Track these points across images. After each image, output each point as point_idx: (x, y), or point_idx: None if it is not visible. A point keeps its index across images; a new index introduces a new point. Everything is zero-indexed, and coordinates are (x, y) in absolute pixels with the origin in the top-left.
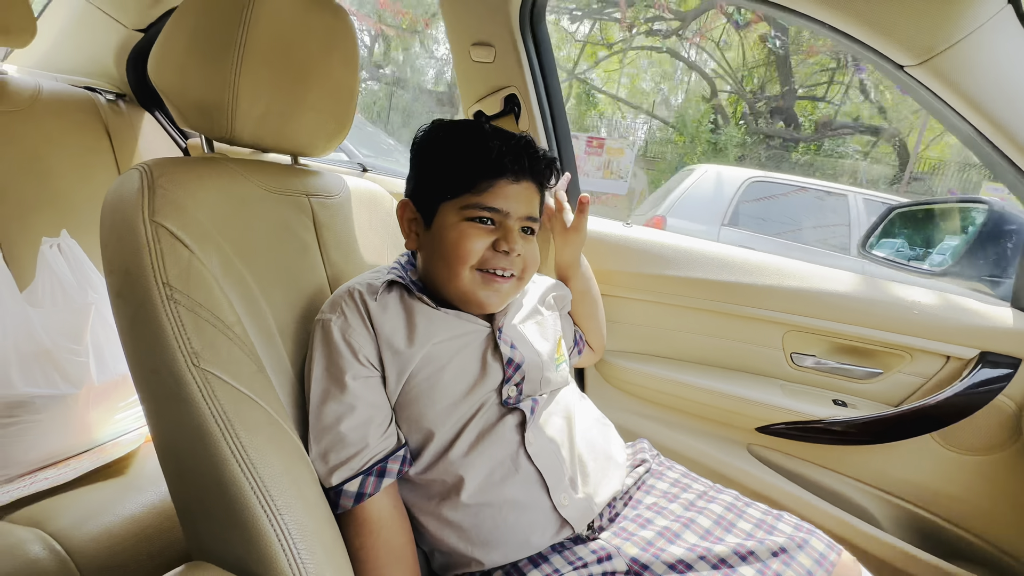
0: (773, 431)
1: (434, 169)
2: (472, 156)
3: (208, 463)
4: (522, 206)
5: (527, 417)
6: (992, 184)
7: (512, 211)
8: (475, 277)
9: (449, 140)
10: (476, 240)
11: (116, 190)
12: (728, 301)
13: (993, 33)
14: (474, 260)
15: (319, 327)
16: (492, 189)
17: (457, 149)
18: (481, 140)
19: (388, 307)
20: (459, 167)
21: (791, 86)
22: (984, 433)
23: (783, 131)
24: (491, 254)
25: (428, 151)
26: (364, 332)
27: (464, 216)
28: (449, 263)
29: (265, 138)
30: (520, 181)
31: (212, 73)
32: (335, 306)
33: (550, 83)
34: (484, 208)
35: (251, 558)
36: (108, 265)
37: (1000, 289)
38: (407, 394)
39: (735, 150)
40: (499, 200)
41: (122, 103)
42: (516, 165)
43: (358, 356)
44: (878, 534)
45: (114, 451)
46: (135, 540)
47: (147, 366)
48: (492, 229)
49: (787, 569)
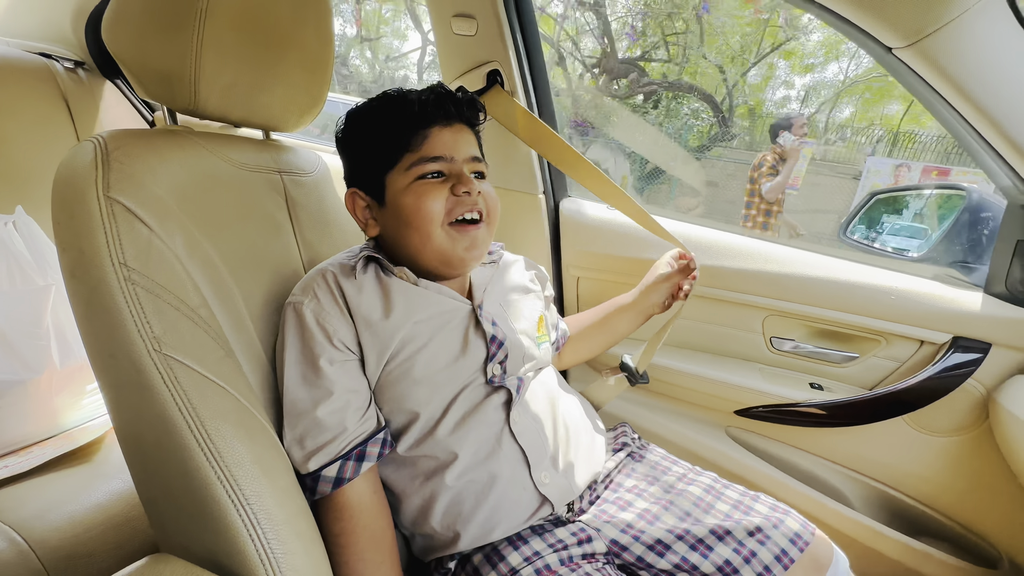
0: (751, 414)
1: (366, 147)
2: (397, 116)
3: (172, 453)
4: (462, 148)
5: (513, 396)
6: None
7: (455, 155)
8: (448, 232)
9: (370, 115)
10: (434, 195)
11: (68, 163)
12: (710, 285)
13: (981, 16)
14: (441, 215)
15: (290, 310)
16: (428, 139)
17: (381, 118)
18: (400, 100)
19: (364, 287)
20: (389, 131)
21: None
22: (953, 416)
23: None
24: (454, 202)
25: (354, 135)
26: (339, 315)
27: (413, 176)
28: (417, 226)
29: (233, 110)
30: (451, 124)
31: (173, 38)
32: (307, 289)
33: (534, 59)
34: (428, 160)
35: (219, 549)
36: (60, 243)
37: (974, 275)
38: (388, 375)
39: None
40: (439, 147)
41: (81, 71)
42: (441, 110)
43: (332, 340)
44: (849, 513)
45: (80, 437)
46: (101, 530)
47: (105, 351)
48: (444, 180)
49: (762, 548)
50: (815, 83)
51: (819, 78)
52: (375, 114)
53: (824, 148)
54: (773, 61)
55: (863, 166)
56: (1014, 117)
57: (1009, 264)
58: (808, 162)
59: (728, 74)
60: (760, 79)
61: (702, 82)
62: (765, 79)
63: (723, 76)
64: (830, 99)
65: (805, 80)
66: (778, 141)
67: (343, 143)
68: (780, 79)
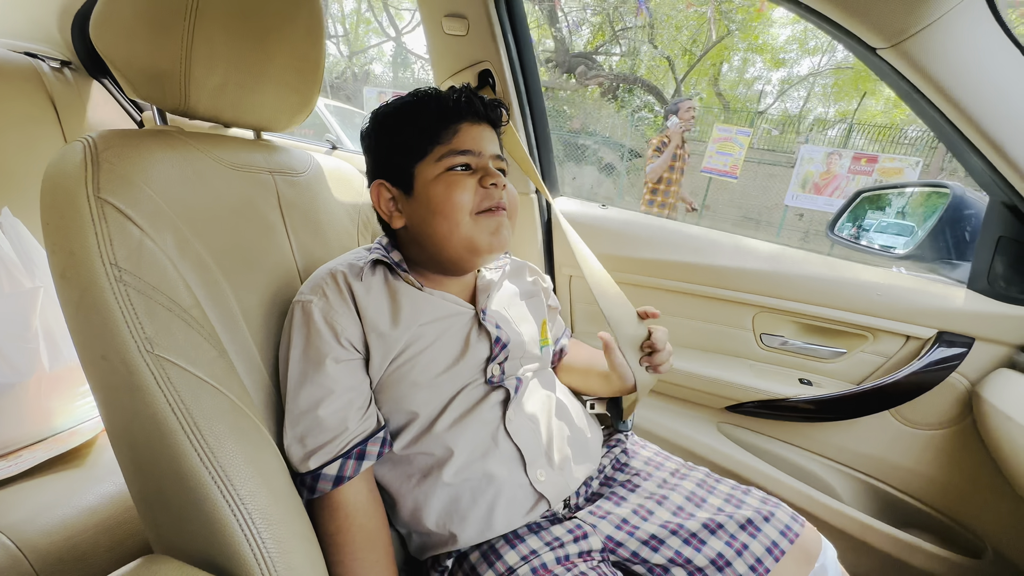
0: (742, 410)
1: (396, 140)
2: (431, 110)
3: (166, 454)
4: (488, 145)
5: (511, 395)
6: (722, 125)
7: (483, 150)
8: (475, 220)
9: (402, 110)
10: (464, 186)
11: (57, 164)
12: (702, 283)
13: (962, 17)
14: (470, 205)
15: (298, 308)
16: (459, 133)
17: (414, 112)
18: (434, 96)
19: (372, 288)
20: (422, 125)
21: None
22: (938, 409)
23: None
24: (482, 194)
25: (384, 129)
26: (348, 314)
27: (443, 167)
28: (447, 214)
29: (224, 111)
30: (479, 123)
31: (162, 38)
32: (316, 288)
33: (526, 59)
34: (458, 152)
35: (214, 550)
36: (50, 245)
37: (958, 271)
38: (390, 375)
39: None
40: (468, 141)
41: (68, 71)
42: (471, 107)
43: (340, 339)
44: (838, 506)
45: (71, 440)
46: (93, 532)
47: (96, 352)
48: (471, 173)
49: (754, 540)
50: (761, 75)
51: (766, 72)
52: (408, 108)
53: (769, 138)
54: (729, 54)
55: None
56: (994, 116)
57: (991, 260)
58: (745, 151)
59: (676, 67)
60: (711, 70)
61: (654, 76)
62: (715, 70)
63: (671, 68)
64: (778, 92)
65: (757, 72)
66: (667, 124)
67: (369, 138)
68: (734, 69)
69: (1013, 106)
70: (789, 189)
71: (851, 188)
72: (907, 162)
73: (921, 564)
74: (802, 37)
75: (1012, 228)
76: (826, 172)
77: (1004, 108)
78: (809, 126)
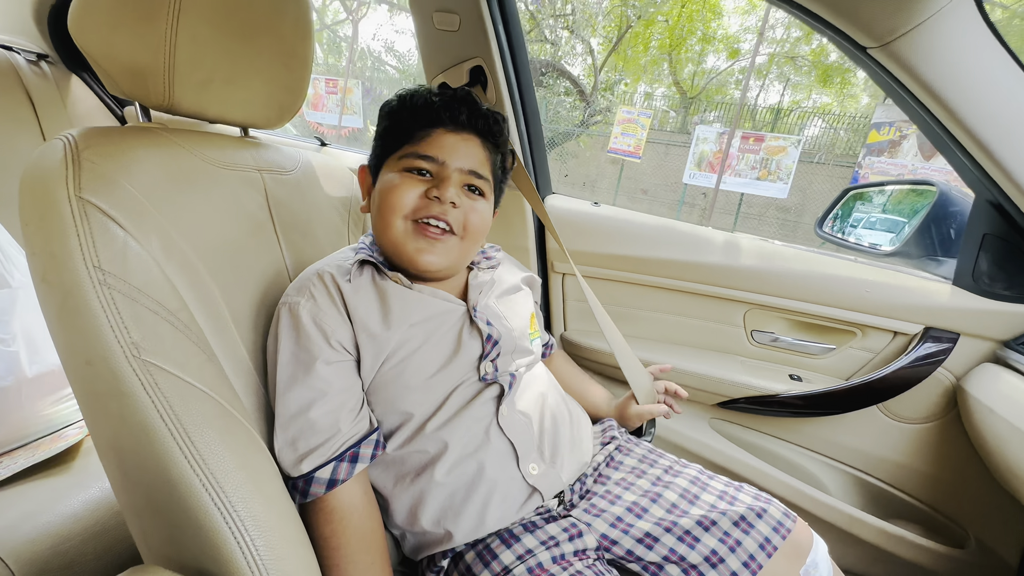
0: (733, 406)
1: (382, 131)
2: (409, 108)
3: (154, 461)
4: (462, 158)
5: (505, 391)
6: (626, 107)
7: (448, 161)
8: (407, 227)
9: (397, 104)
10: (408, 189)
11: (36, 162)
12: (694, 280)
13: (951, 17)
14: (406, 209)
15: (285, 310)
16: (428, 138)
17: (401, 107)
18: (416, 96)
19: (361, 289)
20: (401, 121)
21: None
22: (923, 404)
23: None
24: (423, 202)
25: (380, 118)
26: (337, 315)
27: (402, 167)
28: (383, 213)
29: (209, 107)
30: (460, 132)
31: (145, 31)
32: (302, 289)
33: (518, 56)
34: (419, 156)
35: (206, 558)
36: (30, 247)
37: (943, 268)
38: (382, 376)
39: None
40: (434, 148)
41: (45, 64)
42: (451, 114)
43: (330, 340)
44: (826, 499)
45: (55, 445)
46: (79, 540)
47: (80, 358)
48: (428, 180)
49: (747, 537)
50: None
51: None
52: (401, 103)
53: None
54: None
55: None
56: (980, 116)
57: (976, 257)
58: (647, 131)
59: (596, 55)
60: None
61: (571, 62)
62: (676, 61)
63: (591, 56)
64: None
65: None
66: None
67: (376, 126)
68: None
69: (999, 106)
70: (686, 168)
71: (741, 165)
72: (790, 140)
73: (907, 555)
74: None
75: (997, 226)
76: (719, 151)
77: (991, 108)
78: (706, 107)
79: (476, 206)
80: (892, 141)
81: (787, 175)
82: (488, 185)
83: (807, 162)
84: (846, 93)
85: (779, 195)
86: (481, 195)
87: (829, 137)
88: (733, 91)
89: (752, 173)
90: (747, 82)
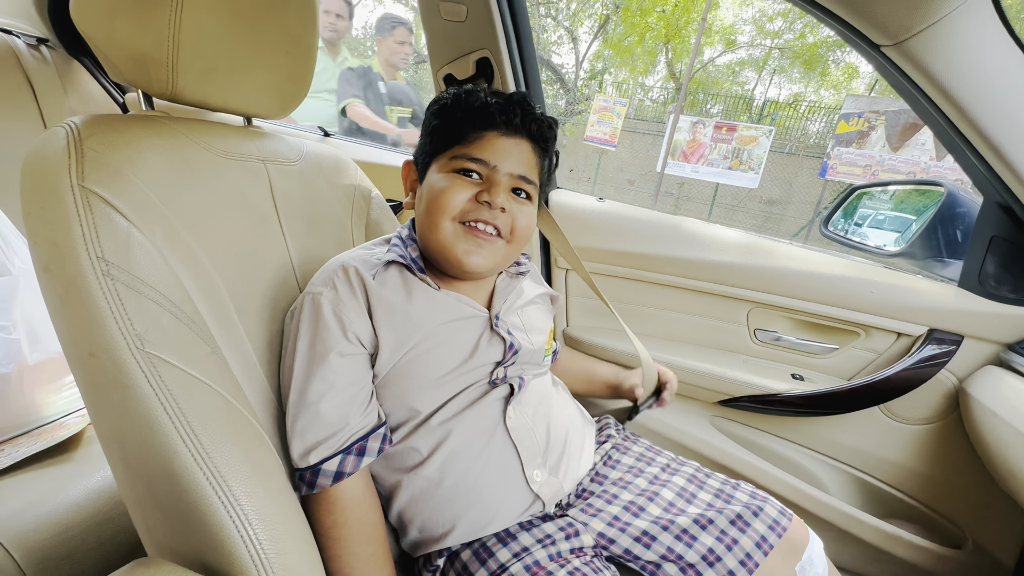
0: (734, 404)
1: (434, 128)
2: (463, 109)
3: (157, 454)
4: (513, 162)
5: (515, 391)
6: (602, 96)
7: (500, 165)
8: (456, 229)
9: (450, 103)
10: (458, 191)
11: (38, 151)
12: (698, 278)
13: (967, 16)
14: (455, 211)
15: (308, 300)
16: (480, 141)
17: (455, 107)
18: (472, 96)
19: (387, 284)
20: (454, 121)
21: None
22: (925, 405)
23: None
24: (472, 206)
25: (431, 115)
26: (357, 308)
27: (451, 168)
28: (431, 214)
29: (212, 96)
30: (512, 136)
31: (148, 19)
32: (327, 280)
33: (525, 47)
34: (470, 159)
35: (209, 551)
36: (32, 236)
37: (949, 269)
38: (395, 371)
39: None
40: (486, 152)
41: (45, 49)
42: (505, 117)
43: (347, 333)
44: (825, 498)
45: (57, 433)
46: (81, 529)
47: (83, 349)
48: (478, 183)
49: (743, 535)
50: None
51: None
52: (454, 102)
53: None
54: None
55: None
56: (993, 118)
57: (982, 259)
58: (623, 120)
59: (579, 44)
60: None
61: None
62: (674, 52)
63: (574, 44)
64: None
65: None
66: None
67: (426, 114)
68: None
69: (1013, 108)
70: (660, 157)
71: (714, 155)
72: (761, 130)
73: (903, 554)
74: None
75: (1005, 228)
76: (692, 140)
77: (1004, 110)
78: (679, 97)
79: (524, 210)
80: (860, 132)
81: (758, 165)
82: (535, 189)
83: (779, 152)
84: (824, 84)
85: (749, 185)
86: (528, 198)
87: (800, 128)
88: (724, 82)
89: (724, 163)
90: (692, 63)
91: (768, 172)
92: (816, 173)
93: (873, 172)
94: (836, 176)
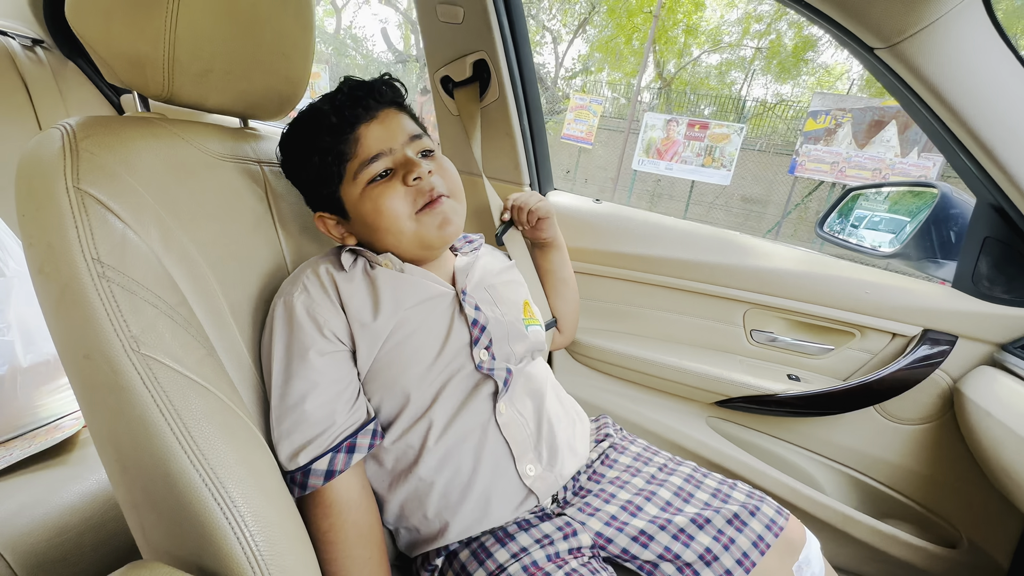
0: (731, 405)
1: (310, 171)
2: (320, 132)
3: (153, 456)
4: (397, 134)
5: (500, 388)
6: (578, 94)
7: (392, 144)
8: (418, 220)
9: (298, 139)
10: (390, 194)
11: (33, 152)
12: (694, 279)
13: (960, 19)
14: (406, 210)
15: (280, 304)
16: (361, 140)
17: (307, 139)
18: (316, 114)
19: (354, 279)
20: (323, 148)
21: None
22: (920, 405)
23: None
24: (413, 193)
25: (293, 162)
26: (331, 306)
27: (363, 182)
28: (387, 227)
29: (209, 98)
30: (376, 115)
31: (144, 21)
32: (296, 282)
33: (522, 50)
34: (369, 161)
35: (205, 554)
36: (27, 238)
37: (943, 270)
38: (379, 362)
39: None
40: (374, 144)
41: (40, 50)
42: (359, 105)
43: (323, 331)
44: (821, 498)
45: (51, 436)
46: (76, 532)
47: (78, 351)
48: (393, 175)
49: (740, 535)
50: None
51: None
52: (304, 135)
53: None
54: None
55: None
56: (986, 120)
57: (976, 260)
58: (599, 118)
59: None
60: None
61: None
62: (662, 55)
63: (554, 43)
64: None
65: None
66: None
67: (287, 172)
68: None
69: (1005, 110)
70: (635, 154)
71: (688, 153)
72: (733, 128)
73: (899, 554)
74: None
75: (998, 229)
76: (666, 138)
77: (996, 112)
78: (656, 95)
79: (442, 163)
80: (828, 129)
81: (730, 162)
82: (430, 140)
83: (749, 149)
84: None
85: (722, 182)
86: (431, 153)
87: (770, 125)
88: (708, 81)
89: (697, 160)
90: (645, 59)
91: (744, 169)
92: (786, 170)
93: (840, 169)
94: (805, 173)
